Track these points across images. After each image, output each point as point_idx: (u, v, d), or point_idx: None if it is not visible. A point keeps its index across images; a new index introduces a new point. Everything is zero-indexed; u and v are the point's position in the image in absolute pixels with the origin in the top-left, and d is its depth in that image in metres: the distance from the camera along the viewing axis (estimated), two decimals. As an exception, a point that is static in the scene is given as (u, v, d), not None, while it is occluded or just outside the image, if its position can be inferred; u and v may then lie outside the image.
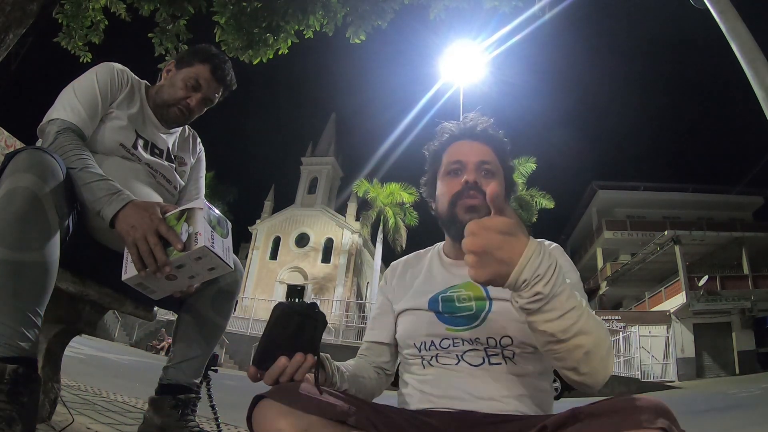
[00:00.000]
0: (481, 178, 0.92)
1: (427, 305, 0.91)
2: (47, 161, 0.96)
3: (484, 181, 0.92)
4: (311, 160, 30.95)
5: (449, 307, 0.89)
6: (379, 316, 1.04)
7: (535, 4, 4.64)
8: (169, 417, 1.20)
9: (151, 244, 0.94)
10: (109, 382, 3.36)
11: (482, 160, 0.94)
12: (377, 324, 1.04)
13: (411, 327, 0.92)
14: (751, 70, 3.75)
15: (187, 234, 0.95)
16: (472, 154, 0.95)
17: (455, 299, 0.89)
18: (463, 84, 12.80)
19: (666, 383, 14.03)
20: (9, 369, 0.85)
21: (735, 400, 6.24)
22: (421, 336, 0.89)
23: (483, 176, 0.93)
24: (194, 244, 0.94)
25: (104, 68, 1.27)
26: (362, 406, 0.74)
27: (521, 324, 0.84)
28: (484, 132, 0.98)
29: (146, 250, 0.94)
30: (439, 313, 0.89)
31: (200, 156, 1.52)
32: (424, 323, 0.90)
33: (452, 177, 0.95)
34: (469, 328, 0.85)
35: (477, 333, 0.85)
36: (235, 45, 4.23)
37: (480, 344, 0.84)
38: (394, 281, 1.05)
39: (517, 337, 0.83)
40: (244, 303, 19.86)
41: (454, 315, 0.88)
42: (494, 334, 0.84)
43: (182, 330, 1.27)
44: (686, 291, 16.59)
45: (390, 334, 1.01)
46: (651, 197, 24.53)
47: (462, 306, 0.88)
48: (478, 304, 0.87)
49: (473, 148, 0.96)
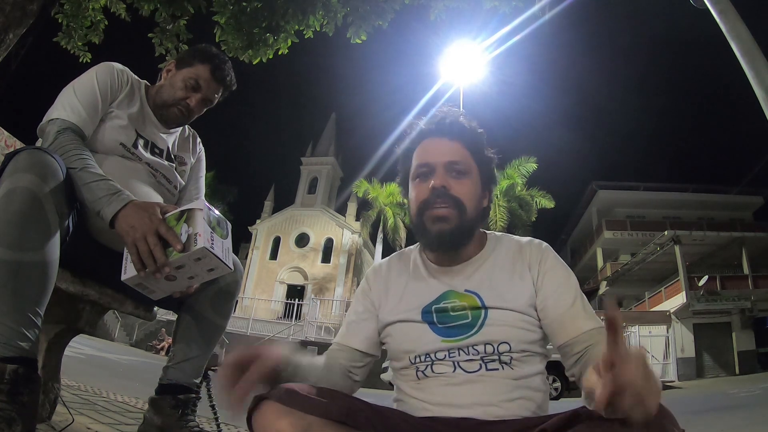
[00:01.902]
0: (451, 180, 0.88)
1: (420, 317, 0.88)
2: (47, 161, 0.96)
3: (454, 183, 0.88)
4: (311, 160, 30.97)
5: (444, 318, 0.86)
6: (359, 322, 0.97)
7: (535, 4, 4.64)
8: (169, 417, 1.20)
9: (151, 244, 0.94)
10: (109, 382, 3.35)
11: (451, 161, 0.89)
12: (355, 329, 0.96)
13: (404, 340, 0.89)
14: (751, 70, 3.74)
15: (186, 235, 0.95)
16: (441, 153, 0.90)
17: (449, 309, 0.87)
18: (463, 84, 12.82)
19: (666, 383, 14.01)
20: (9, 369, 0.85)
21: (735, 400, 6.24)
22: (415, 350, 0.87)
23: (453, 177, 0.88)
24: (194, 245, 0.93)
25: (104, 68, 1.27)
26: (362, 406, 0.74)
27: (519, 329, 0.84)
28: (453, 126, 0.92)
29: (146, 251, 0.94)
30: (433, 324, 0.86)
31: (200, 156, 1.52)
32: (418, 336, 0.87)
33: (421, 181, 0.90)
34: (466, 337, 0.84)
35: (473, 341, 0.83)
36: (235, 45, 4.23)
37: (477, 352, 0.83)
38: (378, 285, 0.98)
39: (515, 342, 0.83)
40: (244, 303, 19.87)
41: (448, 326, 0.85)
42: (492, 341, 0.83)
43: (182, 330, 1.27)
44: (686, 291, 16.57)
45: (368, 343, 0.95)
46: (651, 197, 24.53)
47: (457, 315, 0.86)
48: (473, 313, 0.85)
49: (442, 146, 0.91)
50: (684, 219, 22.06)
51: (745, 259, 17.76)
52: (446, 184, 0.87)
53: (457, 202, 0.87)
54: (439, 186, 0.87)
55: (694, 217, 22.18)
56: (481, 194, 0.92)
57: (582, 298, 0.85)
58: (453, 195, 0.87)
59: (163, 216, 1.00)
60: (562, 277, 0.87)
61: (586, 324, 0.81)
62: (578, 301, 0.84)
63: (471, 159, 0.91)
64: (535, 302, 0.86)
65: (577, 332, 0.81)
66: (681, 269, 17.07)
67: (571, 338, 0.81)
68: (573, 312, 0.83)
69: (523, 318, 0.84)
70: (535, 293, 0.86)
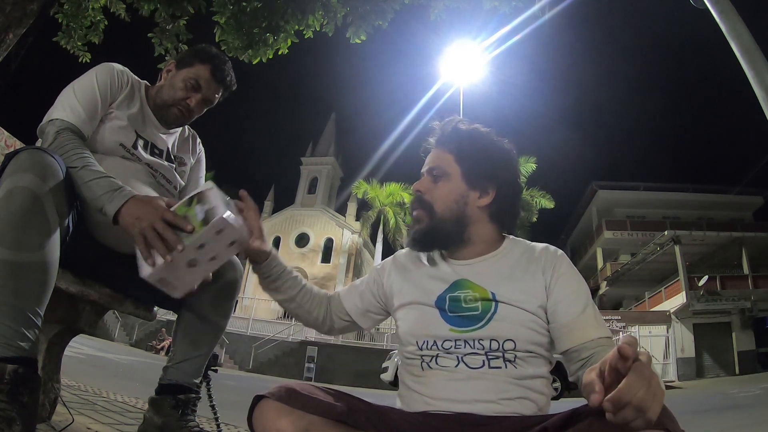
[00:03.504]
0: (429, 184, 0.96)
1: (434, 302, 0.91)
2: (47, 161, 0.96)
3: (432, 187, 0.96)
4: (311, 160, 30.98)
5: (455, 307, 0.88)
6: (360, 290, 1.06)
7: (535, 4, 4.64)
8: (169, 417, 1.20)
9: (159, 229, 0.91)
10: (109, 382, 3.35)
11: (430, 167, 0.98)
12: (353, 293, 1.06)
13: (414, 323, 0.92)
14: (751, 70, 3.74)
15: (203, 212, 0.93)
16: (426, 163, 1.00)
17: (462, 299, 0.89)
18: (463, 84, 12.84)
19: (666, 383, 13.99)
20: (9, 369, 0.85)
21: (735, 400, 6.24)
22: (424, 334, 0.89)
23: (432, 182, 0.96)
24: (213, 217, 0.91)
25: (104, 68, 1.27)
26: (362, 406, 0.74)
27: (526, 328, 0.84)
28: (438, 135, 1.01)
29: (154, 236, 0.91)
30: (443, 312, 0.89)
31: (200, 156, 1.52)
32: (428, 320, 0.89)
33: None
34: (473, 329, 0.85)
35: (480, 335, 0.84)
36: (235, 45, 4.23)
37: (482, 347, 0.84)
38: (394, 271, 1.03)
39: (521, 341, 0.83)
40: (244, 303, 19.87)
41: (458, 315, 0.87)
42: (497, 337, 0.84)
43: (182, 330, 1.27)
44: (686, 291, 16.58)
45: (356, 310, 1.05)
46: (651, 197, 24.53)
47: (468, 306, 0.88)
48: (483, 305, 0.87)
49: (429, 157, 1.00)
50: (684, 219, 22.07)
51: (745, 259, 17.77)
52: (422, 188, 0.97)
53: (426, 204, 0.95)
54: (413, 191, 0.98)
55: (694, 217, 22.19)
56: (463, 192, 0.95)
57: (593, 307, 0.87)
58: (424, 198, 0.96)
59: (168, 208, 0.98)
60: (574, 284, 0.89)
61: (596, 332, 0.83)
62: (589, 309, 0.86)
63: (453, 161, 0.97)
64: (546, 305, 0.87)
65: (586, 339, 0.82)
66: (681, 269, 17.08)
67: (579, 344, 0.82)
68: (583, 319, 0.84)
69: (532, 318, 0.86)
70: (546, 297, 0.87)
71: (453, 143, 0.98)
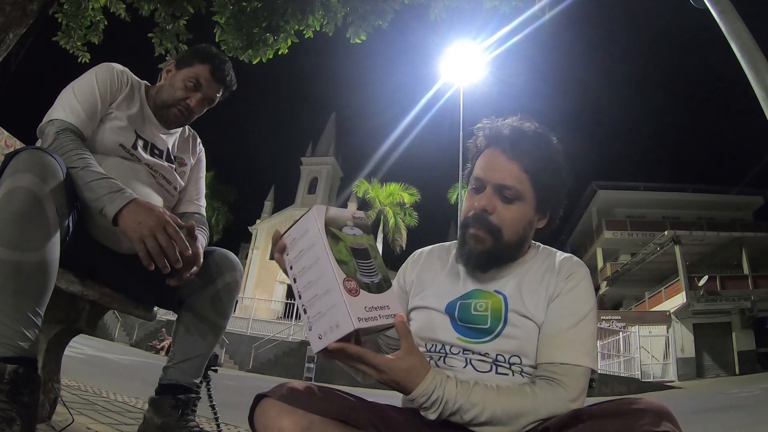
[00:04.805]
0: (498, 204, 0.85)
1: (444, 308, 0.88)
2: (47, 161, 0.96)
3: (501, 207, 0.85)
4: (311, 160, 30.96)
5: (464, 315, 0.86)
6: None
7: (535, 4, 4.64)
8: (169, 417, 1.20)
9: (162, 241, 0.93)
10: (109, 382, 3.35)
11: (502, 184, 0.84)
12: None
13: (424, 327, 0.90)
14: (751, 70, 3.74)
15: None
16: (494, 171, 0.86)
17: (472, 307, 0.86)
18: (463, 84, 12.78)
19: (666, 383, 14.03)
20: (9, 369, 0.85)
21: (735, 400, 6.24)
22: (432, 338, 0.88)
23: (501, 202, 0.85)
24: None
25: (104, 69, 1.27)
26: (363, 405, 0.74)
27: (532, 344, 0.82)
28: (515, 144, 0.86)
29: (155, 247, 0.94)
30: (453, 320, 0.87)
31: (200, 156, 1.52)
32: (437, 326, 0.88)
33: (471, 195, 0.89)
34: (480, 342, 0.83)
35: (486, 348, 0.83)
36: (235, 45, 4.23)
37: (489, 357, 0.83)
38: (415, 272, 1.00)
39: (527, 358, 0.82)
40: (244, 303, 19.87)
41: (467, 325, 0.85)
42: (504, 352, 0.82)
43: (182, 330, 1.27)
44: (686, 291, 16.58)
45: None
46: (651, 197, 24.52)
47: (477, 316, 0.85)
48: (493, 318, 0.84)
49: (499, 164, 0.86)
50: (684, 219, 22.04)
51: (745, 259, 17.77)
52: (489, 208, 0.85)
53: (494, 228, 0.85)
54: (480, 210, 0.85)
55: (694, 217, 22.16)
56: (531, 218, 0.88)
57: (583, 331, 0.80)
58: (491, 222, 0.85)
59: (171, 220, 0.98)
60: (577, 300, 0.83)
61: (562, 356, 0.78)
62: (575, 331, 0.80)
63: (528, 183, 0.85)
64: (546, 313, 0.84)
65: (545, 359, 0.79)
66: (681, 269, 17.08)
67: (540, 361, 0.80)
68: (560, 338, 0.80)
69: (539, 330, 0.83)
70: (547, 306, 0.84)
71: (526, 158, 0.85)
